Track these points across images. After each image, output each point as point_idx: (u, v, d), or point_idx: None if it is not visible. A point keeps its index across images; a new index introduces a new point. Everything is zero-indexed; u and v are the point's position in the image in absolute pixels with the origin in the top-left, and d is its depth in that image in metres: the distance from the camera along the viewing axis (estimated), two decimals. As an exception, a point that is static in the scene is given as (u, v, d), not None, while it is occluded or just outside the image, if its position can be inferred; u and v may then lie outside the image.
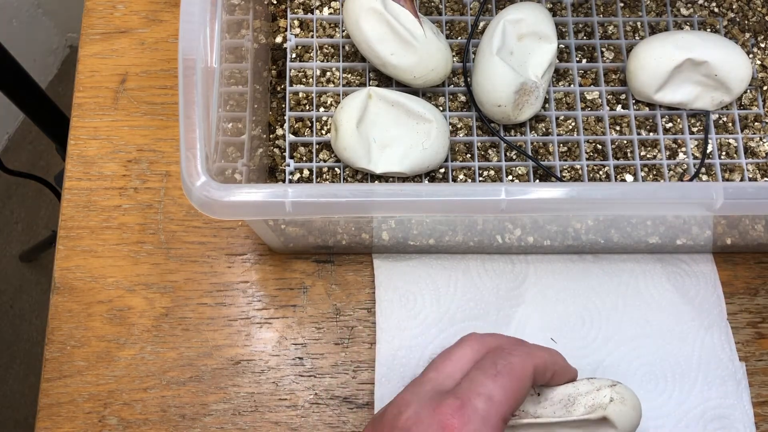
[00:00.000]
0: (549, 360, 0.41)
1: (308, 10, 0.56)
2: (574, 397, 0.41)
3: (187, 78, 0.38)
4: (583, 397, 0.41)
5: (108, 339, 0.50)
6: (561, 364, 0.42)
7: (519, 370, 0.39)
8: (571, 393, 0.42)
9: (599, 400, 0.41)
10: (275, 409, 0.49)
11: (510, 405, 0.38)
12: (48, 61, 1.39)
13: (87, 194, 0.53)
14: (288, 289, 0.52)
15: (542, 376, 0.41)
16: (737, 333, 0.51)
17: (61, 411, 0.49)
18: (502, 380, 0.38)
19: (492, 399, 0.37)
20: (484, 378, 0.38)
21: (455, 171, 0.53)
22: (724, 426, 0.49)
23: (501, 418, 0.37)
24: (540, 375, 0.40)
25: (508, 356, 0.40)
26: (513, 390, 0.38)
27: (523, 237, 0.50)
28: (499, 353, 0.40)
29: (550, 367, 0.41)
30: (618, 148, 0.54)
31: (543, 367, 0.40)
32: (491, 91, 0.51)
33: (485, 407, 0.37)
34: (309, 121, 0.53)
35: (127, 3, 0.59)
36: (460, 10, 0.57)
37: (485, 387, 0.38)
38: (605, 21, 0.57)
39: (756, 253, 0.53)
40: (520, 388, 0.39)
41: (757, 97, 0.55)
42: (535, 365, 0.40)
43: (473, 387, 0.38)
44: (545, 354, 0.41)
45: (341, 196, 0.37)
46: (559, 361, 0.42)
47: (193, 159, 0.37)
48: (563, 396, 0.42)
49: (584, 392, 0.41)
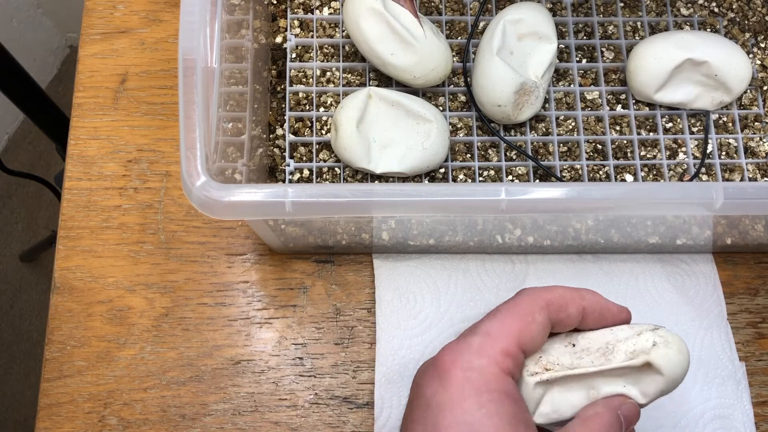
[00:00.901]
0: (570, 296, 0.37)
1: (308, 10, 0.56)
2: (613, 344, 0.37)
3: (187, 78, 0.38)
4: (622, 344, 0.37)
5: (108, 339, 0.50)
6: (595, 301, 0.38)
7: (523, 304, 0.37)
8: (609, 340, 0.37)
9: (641, 345, 0.37)
10: (275, 409, 0.49)
11: (510, 340, 0.35)
12: (48, 61, 1.40)
13: (87, 194, 0.53)
14: (288, 289, 0.52)
15: (562, 312, 0.37)
16: (737, 333, 0.51)
17: (61, 411, 0.49)
18: (500, 316, 0.37)
19: (489, 334, 0.36)
20: (484, 319, 0.37)
21: (455, 171, 0.53)
22: (724, 426, 0.49)
23: (500, 351, 0.35)
24: (556, 310, 0.37)
25: (516, 296, 0.38)
26: (514, 324, 0.36)
27: (523, 237, 0.50)
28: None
29: (571, 303, 0.37)
30: (618, 148, 0.54)
31: (559, 301, 0.37)
32: (491, 91, 0.51)
33: (479, 341, 0.36)
34: (309, 121, 0.53)
35: (127, 3, 0.59)
36: (460, 10, 0.57)
37: (483, 325, 0.37)
38: (605, 21, 0.57)
39: (756, 253, 0.53)
40: (523, 323, 0.36)
41: (757, 97, 0.55)
42: (547, 299, 0.37)
43: (472, 328, 0.37)
44: (565, 292, 0.37)
45: (341, 196, 0.37)
46: (593, 298, 0.38)
47: (193, 159, 0.37)
48: (601, 344, 0.37)
49: (623, 338, 0.37)
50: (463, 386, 0.35)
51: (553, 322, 0.37)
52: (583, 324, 0.38)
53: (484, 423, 0.34)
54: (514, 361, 0.36)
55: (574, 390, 0.37)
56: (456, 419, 0.34)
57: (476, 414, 0.34)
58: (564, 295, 0.37)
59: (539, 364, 0.37)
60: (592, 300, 0.38)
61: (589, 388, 0.37)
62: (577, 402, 0.37)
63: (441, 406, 0.35)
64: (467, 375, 0.35)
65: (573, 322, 0.38)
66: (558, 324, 0.37)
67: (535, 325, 0.36)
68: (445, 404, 0.35)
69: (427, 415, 0.35)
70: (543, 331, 0.37)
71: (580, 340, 0.38)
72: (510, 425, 0.34)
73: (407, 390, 0.48)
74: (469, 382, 0.35)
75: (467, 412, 0.34)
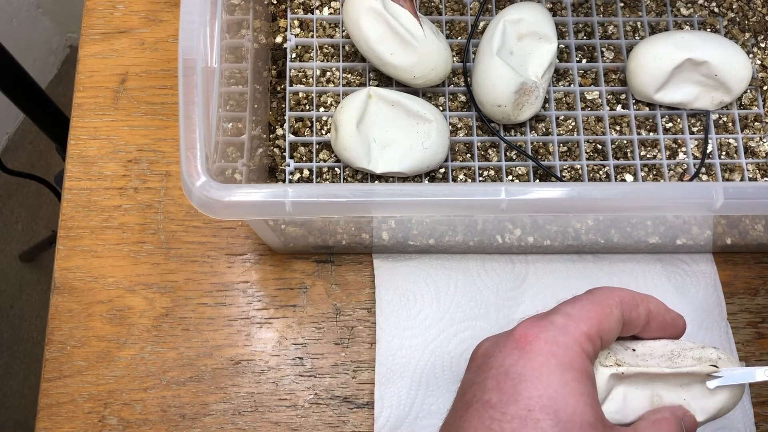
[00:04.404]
0: (640, 297, 0.37)
1: (308, 10, 0.56)
2: (678, 351, 0.38)
3: (187, 78, 0.38)
4: (688, 351, 0.37)
5: (108, 339, 0.50)
6: (659, 305, 0.38)
7: (601, 296, 0.36)
8: (673, 348, 0.38)
9: (707, 355, 0.37)
10: (275, 409, 0.49)
11: (591, 324, 0.35)
12: (48, 61, 1.40)
13: (87, 194, 0.53)
14: (288, 289, 0.52)
15: (634, 311, 0.37)
16: (737, 333, 0.51)
17: (61, 411, 0.49)
18: (580, 302, 0.36)
19: (571, 315, 0.35)
20: (563, 304, 0.37)
21: (455, 171, 0.53)
22: (724, 426, 0.49)
23: (582, 333, 0.34)
24: (629, 308, 0.37)
25: (590, 290, 0.37)
26: (594, 311, 0.35)
27: (523, 237, 0.50)
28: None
29: (641, 303, 0.37)
30: (618, 148, 0.54)
31: (631, 300, 0.37)
32: (491, 91, 0.51)
33: (563, 320, 0.35)
34: (309, 121, 0.53)
35: (127, 3, 0.59)
36: (460, 10, 0.57)
37: (563, 308, 0.36)
38: (605, 21, 0.57)
39: (756, 253, 0.53)
40: (602, 313, 0.35)
41: (757, 97, 0.55)
42: (620, 296, 0.36)
43: (550, 311, 0.36)
44: (634, 293, 0.37)
45: (341, 196, 0.37)
46: (657, 304, 0.38)
47: (193, 159, 0.37)
48: (664, 351, 0.38)
49: (689, 348, 0.38)
50: (549, 360, 0.34)
51: (624, 321, 0.37)
52: (646, 329, 0.38)
53: (567, 401, 0.33)
54: (593, 347, 0.35)
55: (640, 392, 0.37)
56: (538, 392, 0.33)
57: (560, 390, 0.33)
58: (634, 296, 0.37)
59: (609, 359, 0.37)
60: (657, 304, 0.38)
61: (653, 395, 0.37)
62: (640, 406, 0.37)
63: (522, 376, 0.34)
64: (552, 349, 0.34)
65: (641, 324, 0.37)
66: (627, 324, 0.37)
67: (612, 317, 0.36)
68: (526, 375, 0.34)
69: (505, 385, 0.34)
70: (617, 325, 0.36)
71: (639, 346, 0.39)
72: (591, 407, 0.33)
73: (407, 390, 0.48)
74: (555, 356, 0.34)
75: (551, 386, 0.33)
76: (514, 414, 0.33)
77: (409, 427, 0.48)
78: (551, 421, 0.32)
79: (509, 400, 0.33)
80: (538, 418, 0.32)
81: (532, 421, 0.32)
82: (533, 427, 0.32)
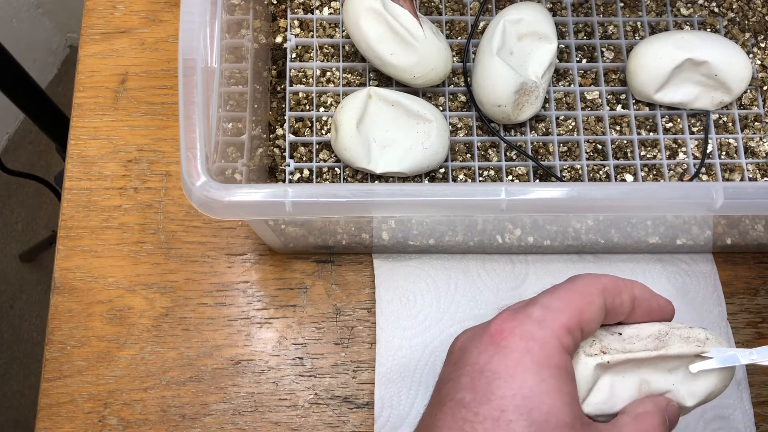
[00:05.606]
0: (623, 283, 0.36)
1: (308, 10, 0.56)
2: (666, 330, 0.36)
3: (187, 78, 0.38)
4: (677, 330, 0.36)
5: (108, 339, 0.50)
6: (644, 291, 0.37)
7: (582, 285, 0.35)
8: (661, 328, 0.36)
9: (695, 335, 0.36)
10: (275, 409, 0.49)
11: (571, 315, 0.34)
12: (48, 61, 1.40)
13: (87, 194, 0.53)
14: (288, 289, 0.52)
15: (617, 298, 0.36)
16: (737, 333, 0.51)
17: (61, 411, 0.49)
18: (559, 293, 0.35)
19: (549, 307, 0.34)
20: (542, 294, 0.36)
21: (455, 171, 0.53)
22: (724, 426, 0.49)
23: (561, 326, 0.33)
24: (612, 295, 0.36)
25: (571, 278, 0.36)
26: (574, 301, 0.34)
27: (523, 237, 0.50)
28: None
29: (625, 290, 0.36)
30: (618, 148, 0.54)
31: (614, 287, 0.36)
32: (491, 91, 0.51)
33: (540, 313, 0.34)
34: (309, 121, 0.53)
35: (127, 3, 0.59)
36: (460, 10, 0.57)
37: (541, 298, 0.35)
38: (605, 21, 0.57)
39: (756, 253, 0.53)
40: (583, 302, 0.34)
41: (757, 97, 0.55)
42: (603, 283, 0.35)
43: (528, 301, 0.35)
44: (618, 279, 0.36)
45: (341, 196, 0.37)
46: (643, 289, 0.37)
47: (193, 159, 0.37)
48: (651, 332, 0.36)
49: (677, 327, 0.36)
50: (523, 357, 0.33)
51: (607, 309, 0.36)
52: (632, 315, 0.37)
53: (543, 400, 0.32)
54: (573, 340, 0.34)
55: (628, 380, 0.36)
56: (512, 391, 0.32)
57: (535, 389, 0.32)
58: (617, 282, 0.36)
59: (594, 347, 0.36)
60: (642, 290, 0.37)
61: (641, 381, 0.36)
62: (627, 394, 0.36)
63: (496, 375, 0.33)
64: (528, 345, 0.33)
65: (624, 311, 0.36)
66: (611, 312, 0.36)
67: (594, 306, 0.35)
68: (500, 374, 0.33)
69: (478, 383, 0.33)
70: (599, 314, 0.35)
71: (626, 329, 0.37)
72: (568, 406, 0.32)
73: (407, 390, 0.48)
74: (530, 353, 0.33)
75: (525, 386, 0.32)
76: (487, 414, 0.32)
77: (409, 427, 0.48)
78: (525, 422, 0.31)
79: (482, 400, 0.32)
80: (510, 419, 0.32)
81: (504, 422, 0.31)
82: (506, 428, 0.31)
